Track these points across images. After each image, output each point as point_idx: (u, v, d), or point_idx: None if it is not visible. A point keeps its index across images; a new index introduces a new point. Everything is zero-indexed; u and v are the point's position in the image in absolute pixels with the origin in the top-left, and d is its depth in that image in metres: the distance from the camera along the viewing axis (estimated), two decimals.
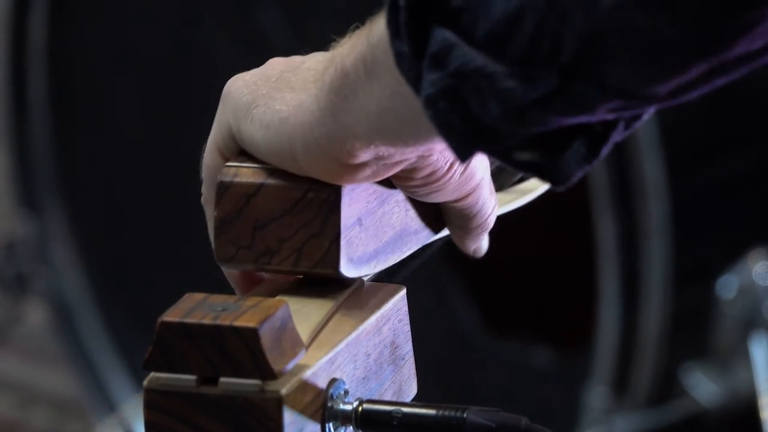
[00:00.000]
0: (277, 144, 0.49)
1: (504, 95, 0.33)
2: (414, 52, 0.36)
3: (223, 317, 0.44)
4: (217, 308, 0.45)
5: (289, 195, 0.49)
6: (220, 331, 0.43)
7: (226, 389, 0.44)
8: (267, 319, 0.43)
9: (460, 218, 0.56)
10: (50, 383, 2.42)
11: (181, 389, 0.44)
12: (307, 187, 0.48)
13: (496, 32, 0.33)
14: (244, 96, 0.51)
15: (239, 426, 0.44)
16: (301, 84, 0.50)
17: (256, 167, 0.51)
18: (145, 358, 0.45)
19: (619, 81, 0.34)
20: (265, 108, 0.50)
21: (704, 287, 2.62)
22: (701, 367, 2.71)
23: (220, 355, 0.43)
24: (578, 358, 2.70)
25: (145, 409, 0.45)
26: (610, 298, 2.42)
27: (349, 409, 0.49)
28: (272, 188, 0.49)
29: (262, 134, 0.50)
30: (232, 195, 0.50)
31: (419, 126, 0.41)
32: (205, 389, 0.44)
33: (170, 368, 0.44)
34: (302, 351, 0.46)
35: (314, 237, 0.49)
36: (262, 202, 0.49)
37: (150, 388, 0.45)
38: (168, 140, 2.93)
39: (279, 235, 0.49)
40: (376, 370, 0.54)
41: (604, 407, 2.48)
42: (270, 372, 0.43)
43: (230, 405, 0.43)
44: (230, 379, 0.44)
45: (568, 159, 0.39)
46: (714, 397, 2.65)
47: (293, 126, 0.49)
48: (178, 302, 0.46)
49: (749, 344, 2.78)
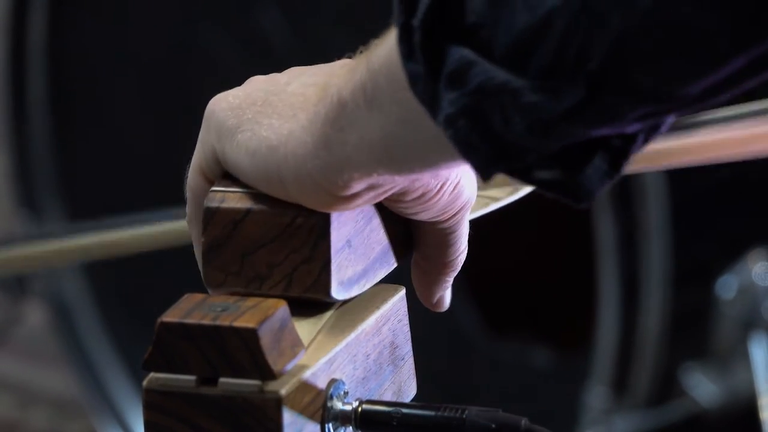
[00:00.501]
0: (265, 172, 0.48)
1: (528, 110, 0.32)
2: (429, 73, 0.35)
3: (223, 318, 0.44)
4: (216, 309, 0.45)
5: (277, 221, 0.48)
6: (220, 332, 0.43)
7: (226, 390, 0.44)
8: (266, 319, 0.43)
9: (437, 247, 0.54)
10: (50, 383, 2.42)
11: (180, 389, 0.44)
12: (295, 213, 0.48)
13: (518, 45, 0.33)
14: (229, 119, 0.50)
15: (239, 426, 0.44)
16: (289, 110, 0.48)
17: (243, 192, 0.50)
18: (145, 359, 0.45)
19: (653, 83, 0.33)
20: (251, 134, 0.48)
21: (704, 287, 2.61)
22: (701, 367, 2.71)
23: (220, 355, 0.43)
24: (578, 358, 2.70)
25: (144, 410, 0.45)
26: (609, 298, 2.42)
27: (349, 410, 0.49)
28: (260, 214, 0.48)
29: (249, 161, 0.48)
30: (219, 221, 0.49)
31: (429, 151, 0.41)
32: (205, 390, 0.44)
33: (170, 368, 0.44)
34: (302, 351, 0.46)
35: (304, 263, 0.48)
36: (250, 228, 0.49)
37: (150, 388, 0.45)
38: (168, 140, 2.93)
39: (268, 261, 0.48)
40: (376, 370, 0.54)
41: (604, 407, 2.47)
42: (269, 372, 0.43)
43: (230, 405, 0.43)
44: (230, 379, 0.44)
45: (590, 175, 0.38)
46: (714, 397, 2.65)
47: (283, 156, 0.47)
48: (178, 302, 0.46)
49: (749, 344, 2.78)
